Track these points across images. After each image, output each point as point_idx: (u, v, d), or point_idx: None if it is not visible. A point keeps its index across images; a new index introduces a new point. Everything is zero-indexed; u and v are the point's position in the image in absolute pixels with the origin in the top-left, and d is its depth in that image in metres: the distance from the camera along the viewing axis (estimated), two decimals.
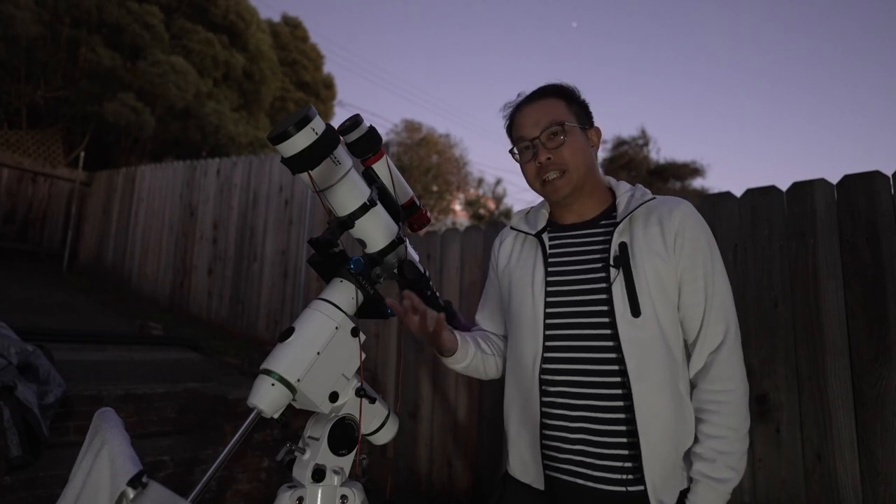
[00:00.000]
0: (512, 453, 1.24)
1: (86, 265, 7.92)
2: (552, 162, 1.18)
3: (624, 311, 1.10)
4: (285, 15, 15.09)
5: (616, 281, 1.11)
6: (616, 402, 1.09)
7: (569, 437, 1.12)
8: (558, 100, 1.22)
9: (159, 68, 9.56)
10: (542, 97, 1.23)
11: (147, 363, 3.69)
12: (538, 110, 1.21)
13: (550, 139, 1.18)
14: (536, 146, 1.19)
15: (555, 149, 1.18)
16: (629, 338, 1.08)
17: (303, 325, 0.98)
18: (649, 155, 20.41)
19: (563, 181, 1.18)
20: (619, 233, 1.15)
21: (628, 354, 1.08)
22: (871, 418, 2.00)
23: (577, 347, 1.14)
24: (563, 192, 1.19)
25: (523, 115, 1.23)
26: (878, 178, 2.10)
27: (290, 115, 0.95)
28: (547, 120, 1.19)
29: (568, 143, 1.18)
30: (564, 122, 1.19)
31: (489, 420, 3.23)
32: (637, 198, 1.19)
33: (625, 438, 1.08)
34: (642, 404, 1.06)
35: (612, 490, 1.08)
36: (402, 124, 21.09)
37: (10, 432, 2.27)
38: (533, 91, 1.26)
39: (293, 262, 4.87)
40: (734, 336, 1.11)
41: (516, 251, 1.32)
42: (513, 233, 1.35)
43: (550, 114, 1.19)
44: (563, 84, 1.26)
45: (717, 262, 1.14)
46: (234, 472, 2.96)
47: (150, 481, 0.82)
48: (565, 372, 1.15)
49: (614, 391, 1.10)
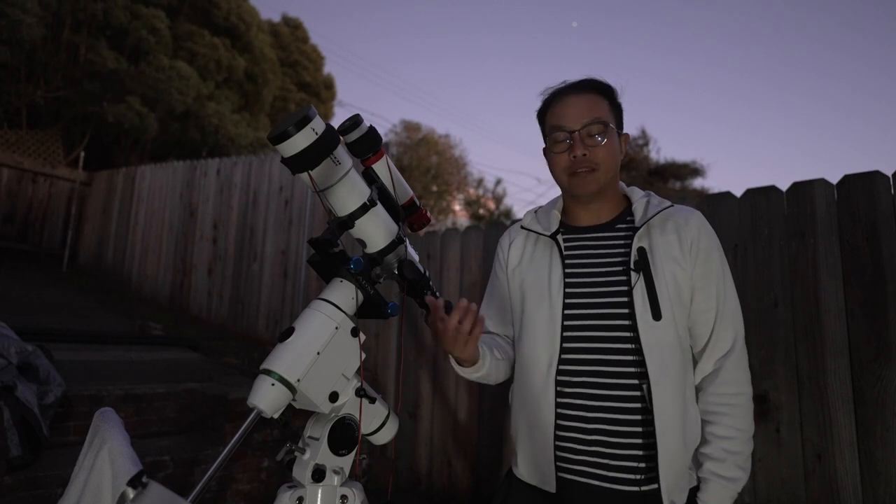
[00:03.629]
0: (520, 455, 1.23)
1: (86, 265, 7.93)
2: (587, 159, 1.17)
3: (644, 315, 1.11)
4: (286, 16, 15.12)
5: (637, 285, 1.12)
6: (634, 403, 1.11)
7: (585, 438, 1.13)
8: (603, 98, 1.21)
9: (164, 73, 9.58)
10: (589, 91, 1.20)
11: (147, 363, 3.69)
12: (583, 104, 1.18)
13: (590, 136, 1.17)
14: (574, 139, 1.17)
15: (592, 147, 1.17)
16: (649, 340, 1.10)
17: (303, 324, 0.98)
18: (649, 155, 20.41)
19: (591, 178, 1.18)
20: (638, 237, 1.15)
21: (649, 357, 1.09)
22: (871, 418, 2.00)
23: (597, 349, 1.15)
24: (590, 188, 1.19)
25: (566, 105, 1.20)
26: (878, 178, 2.10)
27: (290, 116, 0.95)
28: (591, 116, 1.17)
29: (606, 143, 1.17)
30: (608, 122, 1.18)
31: (489, 420, 3.23)
32: (655, 205, 1.20)
33: (641, 439, 1.09)
34: (660, 405, 1.08)
35: (626, 490, 1.09)
36: (400, 125, 21.11)
37: (10, 432, 2.27)
38: (579, 81, 1.22)
39: (293, 262, 4.87)
40: (742, 343, 1.15)
41: (528, 251, 1.30)
42: (523, 233, 1.33)
43: (595, 110, 1.17)
44: (608, 83, 1.23)
45: (727, 270, 1.18)
46: (234, 472, 2.96)
47: (150, 481, 0.82)
48: (584, 374, 1.15)
49: (633, 392, 1.11)
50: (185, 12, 11.16)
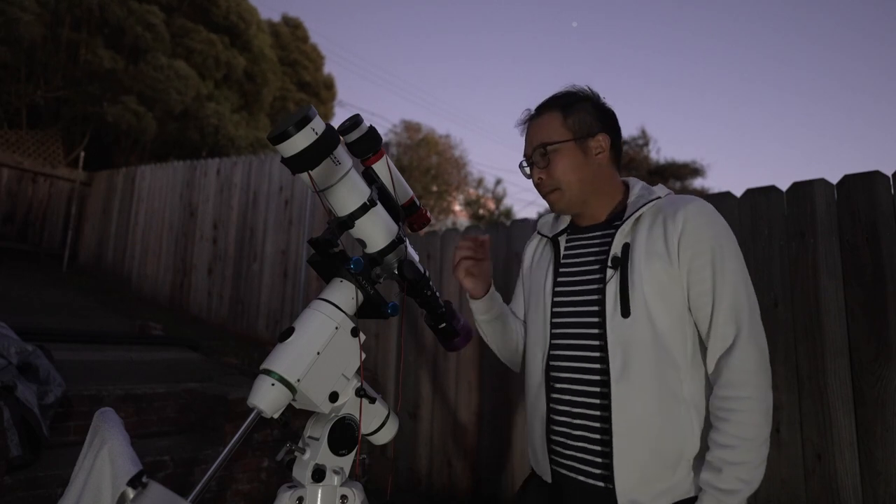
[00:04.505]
0: (529, 447, 1.29)
1: (86, 265, 7.92)
2: (543, 182, 1.22)
3: (614, 311, 1.10)
4: (285, 15, 15.13)
5: (611, 281, 1.12)
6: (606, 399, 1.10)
7: (572, 433, 1.15)
8: (556, 113, 1.21)
9: (161, 73, 9.57)
10: (541, 113, 1.25)
11: (147, 363, 3.69)
12: (534, 129, 1.24)
13: (540, 159, 1.21)
14: (531, 166, 1.24)
15: (545, 168, 1.20)
16: (615, 338, 1.09)
17: (303, 324, 0.98)
18: (649, 155, 20.43)
19: (555, 196, 1.22)
20: (621, 234, 1.15)
21: (612, 354, 1.09)
22: (871, 418, 2.00)
23: (575, 346, 1.17)
24: (558, 206, 1.24)
25: (525, 132, 1.27)
26: (878, 178, 2.10)
27: (290, 116, 0.95)
28: (537, 140, 1.21)
29: (555, 162, 1.19)
30: (548, 143, 1.19)
31: (489, 420, 3.23)
32: (644, 197, 1.18)
33: (599, 435, 1.10)
34: (622, 405, 1.07)
35: (613, 488, 1.08)
36: (400, 125, 21.12)
37: (10, 432, 2.27)
38: (537, 106, 1.27)
39: (293, 262, 4.87)
40: (747, 338, 1.03)
41: (537, 254, 1.37)
42: (537, 236, 1.40)
43: (540, 134, 1.21)
44: (567, 91, 1.24)
45: (729, 259, 1.08)
46: (234, 472, 2.96)
47: (150, 481, 0.83)
48: (567, 370, 1.18)
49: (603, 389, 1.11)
50: (184, 10, 11.16)
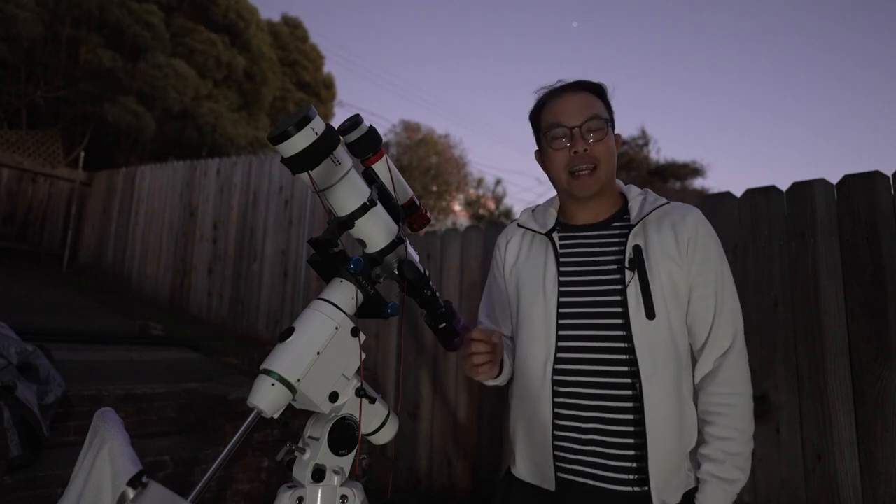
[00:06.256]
0: (519, 454, 1.23)
1: (86, 265, 7.92)
2: (588, 154, 1.18)
3: (638, 313, 1.11)
4: (285, 15, 15.13)
5: (631, 283, 1.12)
6: (626, 402, 1.10)
7: (581, 437, 1.13)
8: (597, 98, 1.23)
9: (161, 71, 9.56)
10: (585, 90, 1.23)
11: (147, 363, 3.69)
12: (582, 101, 1.20)
13: (591, 132, 1.18)
14: (574, 135, 1.18)
15: (593, 143, 1.18)
16: (642, 339, 1.10)
17: (303, 324, 0.98)
18: (649, 155, 20.44)
19: (592, 179, 1.19)
20: (633, 235, 1.15)
21: (641, 355, 1.09)
22: (871, 418, 2.00)
23: (591, 348, 1.15)
24: (591, 189, 1.20)
25: (564, 102, 1.21)
26: (878, 178, 2.10)
27: (290, 115, 0.95)
28: (590, 112, 1.18)
29: (605, 140, 1.19)
30: (607, 119, 1.20)
31: (489, 420, 3.23)
32: (650, 202, 1.20)
33: (633, 439, 1.09)
34: (651, 404, 1.07)
35: (621, 490, 1.09)
36: (400, 125, 21.13)
37: (10, 432, 2.27)
38: (575, 81, 1.24)
39: (293, 262, 4.87)
40: (741, 341, 1.13)
41: (524, 250, 1.30)
42: (520, 231, 1.33)
43: (594, 107, 1.20)
44: (601, 84, 1.26)
45: (726, 268, 1.16)
46: (234, 472, 2.96)
47: (150, 481, 0.82)
48: (578, 373, 1.15)
49: (625, 392, 1.11)
50: (184, 10, 11.16)
